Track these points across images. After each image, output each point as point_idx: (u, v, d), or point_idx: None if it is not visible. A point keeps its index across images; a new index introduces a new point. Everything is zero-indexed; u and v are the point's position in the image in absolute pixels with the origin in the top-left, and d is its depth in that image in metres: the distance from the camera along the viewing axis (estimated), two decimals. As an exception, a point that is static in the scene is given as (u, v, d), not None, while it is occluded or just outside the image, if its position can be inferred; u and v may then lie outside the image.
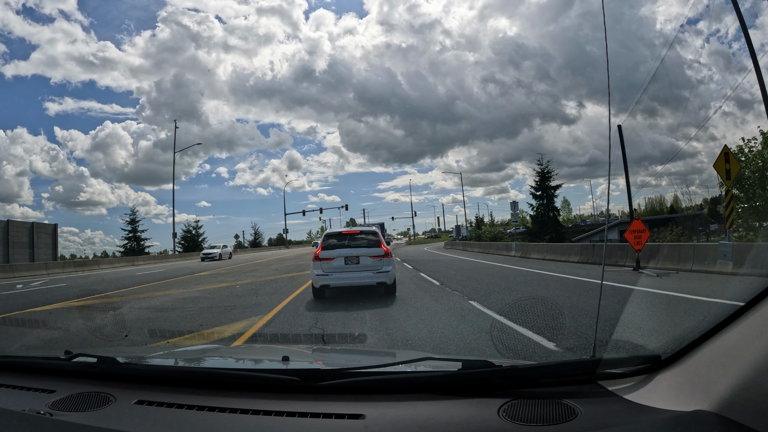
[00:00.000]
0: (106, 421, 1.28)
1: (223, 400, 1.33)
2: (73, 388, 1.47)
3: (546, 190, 35.48)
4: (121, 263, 29.33)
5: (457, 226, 58.02)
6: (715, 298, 6.40)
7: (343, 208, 59.39)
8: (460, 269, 14.63)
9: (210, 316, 6.99)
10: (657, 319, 5.43)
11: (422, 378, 1.46)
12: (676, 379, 1.17)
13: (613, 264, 12.41)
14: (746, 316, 1.05)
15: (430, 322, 5.69)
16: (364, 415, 1.20)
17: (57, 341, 5.53)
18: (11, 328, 6.74)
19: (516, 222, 29.38)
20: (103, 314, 7.68)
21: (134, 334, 5.71)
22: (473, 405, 1.22)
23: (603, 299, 2.08)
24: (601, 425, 1.11)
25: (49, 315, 7.69)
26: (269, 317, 6.57)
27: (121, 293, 11.11)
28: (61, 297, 10.45)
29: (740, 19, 14.58)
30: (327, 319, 6.20)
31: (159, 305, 8.53)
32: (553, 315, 3.68)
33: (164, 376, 1.58)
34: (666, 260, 11.03)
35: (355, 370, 1.43)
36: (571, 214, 71.90)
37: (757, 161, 14.99)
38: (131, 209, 50.29)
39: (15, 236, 26.10)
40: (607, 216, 31.39)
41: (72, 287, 13.36)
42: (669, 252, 11.25)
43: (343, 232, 8.60)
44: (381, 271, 7.76)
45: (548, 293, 8.13)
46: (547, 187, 35.50)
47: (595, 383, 1.30)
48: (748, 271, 8.03)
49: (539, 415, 1.14)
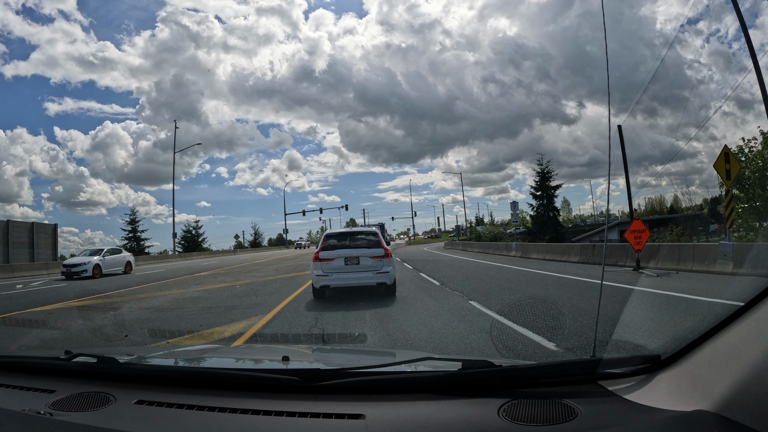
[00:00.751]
0: (106, 421, 1.28)
1: (223, 400, 1.33)
2: (73, 388, 1.47)
3: (546, 191, 35.41)
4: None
5: (457, 226, 57.79)
6: (716, 298, 6.40)
7: (343, 208, 59.52)
8: (460, 269, 14.63)
9: (210, 316, 6.99)
10: (657, 319, 5.43)
11: (422, 378, 1.46)
12: (676, 379, 1.17)
13: (613, 264, 12.42)
14: (746, 316, 1.05)
15: (430, 323, 5.69)
16: (364, 415, 1.20)
17: (57, 341, 5.53)
18: (11, 328, 6.74)
19: (516, 222, 29.37)
20: (103, 314, 7.68)
21: (134, 334, 5.71)
22: (473, 405, 1.22)
23: (603, 299, 2.08)
24: (601, 425, 1.11)
25: (49, 315, 7.69)
26: (269, 317, 6.57)
27: (120, 293, 11.11)
28: (61, 297, 10.45)
29: (740, 19, 14.59)
30: (327, 320, 6.20)
31: (159, 305, 8.53)
32: (553, 315, 3.68)
33: (164, 376, 1.58)
34: (666, 260, 11.03)
35: (355, 370, 1.43)
36: (571, 214, 72.01)
37: (757, 161, 14.98)
38: (131, 209, 49.94)
39: (15, 236, 26.07)
40: (607, 216, 31.41)
41: (72, 287, 13.36)
42: (669, 252, 11.26)
43: (343, 233, 8.60)
44: (381, 272, 7.75)
45: (548, 293, 8.13)
46: (547, 187, 35.42)
47: (595, 383, 1.30)
48: (748, 271, 8.03)
49: (539, 415, 1.14)
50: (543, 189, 35.44)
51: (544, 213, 35.26)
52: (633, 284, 8.44)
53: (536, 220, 36.06)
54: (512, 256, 20.83)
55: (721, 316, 1.12)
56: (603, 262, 2.61)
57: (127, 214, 45.73)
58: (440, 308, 6.76)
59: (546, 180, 35.55)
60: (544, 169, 35.71)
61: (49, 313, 7.88)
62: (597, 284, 8.58)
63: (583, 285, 8.99)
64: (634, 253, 11.05)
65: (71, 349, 1.67)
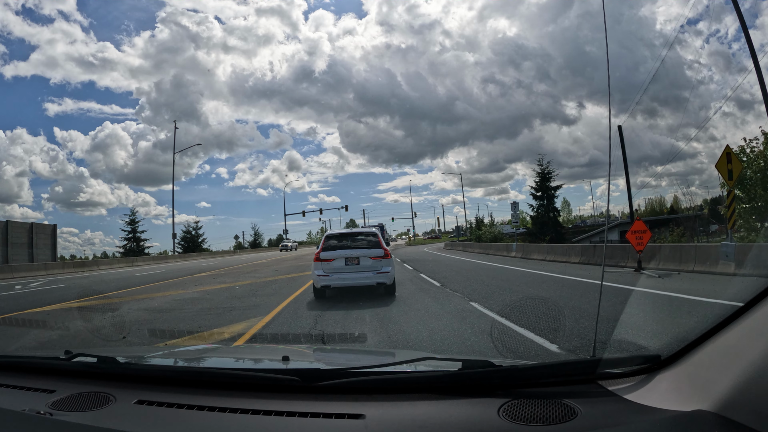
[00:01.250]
0: (106, 421, 1.28)
1: (224, 400, 1.33)
2: (73, 388, 1.47)
3: (546, 191, 35.25)
4: (120, 264, 29.33)
5: (458, 226, 57.60)
6: (717, 298, 6.39)
7: (343, 209, 59.53)
8: (461, 270, 14.62)
9: (210, 317, 6.99)
10: (658, 319, 5.43)
11: (422, 378, 1.46)
12: (676, 379, 1.17)
13: (614, 265, 12.41)
14: (746, 316, 1.05)
15: (431, 324, 5.69)
16: (364, 414, 1.20)
17: (56, 341, 5.53)
18: (10, 328, 6.74)
19: (516, 222, 29.43)
20: (103, 315, 7.67)
21: (134, 334, 5.71)
22: (473, 405, 1.22)
23: (604, 300, 2.08)
24: (601, 425, 1.11)
25: (48, 315, 7.69)
26: (269, 318, 6.57)
27: (120, 294, 11.11)
28: (61, 298, 10.45)
29: (740, 19, 14.61)
30: (327, 320, 6.20)
31: (159, 306, 8.53)
32: (554, 316, 3.67)
33: (164, 376, 1.58)
34: (667, 261, 11.02)
35: (355, 370, 1.43)
36: (571, 214, 72.00)
37: (759, 161, 14.97)
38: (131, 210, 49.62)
39: (14, 237, 26.06)
40: (606, 216, 31.31)
41: (72, 288, 13.35)
42: (671, 252, 11.25)
43: (343, 234, 8.73)
44: (381, 272, 7.86)
45: (550, 294, 8.12)
46: (548, 187, 35.27)
47: (595, 383, 1.29)
48: (749, 272, 8.03)
49: (539, 415, 1.14)
50: (543, 189, 35.32)
51: (545, 213, 35.12)
52: (634, 285, 8.44)
53: (536, 221, 35.89)
54: (513, 256, 20.82)
55: (721, 316, 1.11)
56: (603, 263, 2.61)
57: (126, 214, 45.65)
58: (441, 309, 6.76)
59: (546, 180, 35.38)
60: (544, 170, 35.57)
61: (47, 314, 7.88)
62: (598, 285, 8.59)
63: (584, 286, 8.99)
64: (635, 253, 11.04)
65: (71, 349, 1.68)
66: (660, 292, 7.57)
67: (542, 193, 35.32)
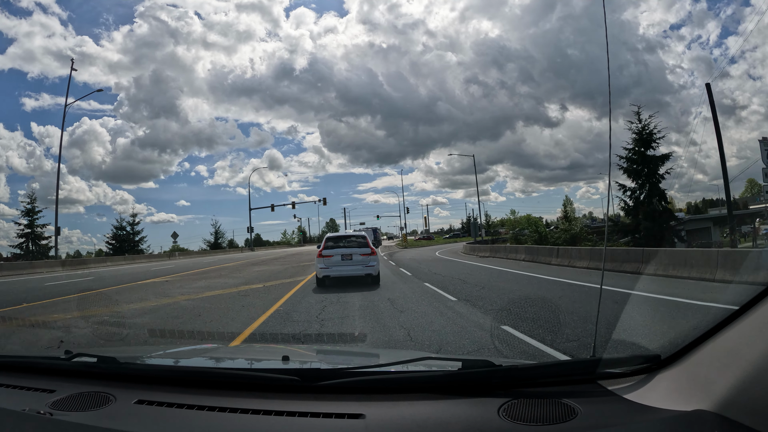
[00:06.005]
0: (106, 420, 1.28)
1: (224, 400, 1.33)
2: (73, 388, 1.47)
3: (647, 163, 20.91)
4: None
5: (474, 222, 43.96)
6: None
7: (320, 202, 56.88)
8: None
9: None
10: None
11: (422, 378, 1.46)
12: (676, 379, 1.18)
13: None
14: (746, 316, 1.05)
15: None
16: (364, 414, 1.20)
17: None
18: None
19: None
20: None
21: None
22: (473, 405, 1.22)
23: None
24: (600, 425, 1.11)
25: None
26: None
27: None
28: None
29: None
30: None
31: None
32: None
33: (164, 376, 1.58)
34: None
35: (355, 370, 1.44)
36: (574, 213, 70.89)
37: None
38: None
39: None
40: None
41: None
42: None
43: (339, 236, 11.24)
44: (368, 266, 10.19)
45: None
46: (650, 158, 20.97)
47: (595, 383, 1.30)
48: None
49: (539, 415, 1.14)
50: (643, 161, 20.99)
51: (647, 200, 21.35)
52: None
53: (635, 212, 21.61)
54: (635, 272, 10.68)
55: (721, 316, 1.12)
56: (603, 265, 2.61)
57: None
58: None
59: (647, 145, 21.00)
60: (644, 128, 21.03)
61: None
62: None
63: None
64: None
65: (71, 349, 1.68)
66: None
67: (641, 168, 21.19)
